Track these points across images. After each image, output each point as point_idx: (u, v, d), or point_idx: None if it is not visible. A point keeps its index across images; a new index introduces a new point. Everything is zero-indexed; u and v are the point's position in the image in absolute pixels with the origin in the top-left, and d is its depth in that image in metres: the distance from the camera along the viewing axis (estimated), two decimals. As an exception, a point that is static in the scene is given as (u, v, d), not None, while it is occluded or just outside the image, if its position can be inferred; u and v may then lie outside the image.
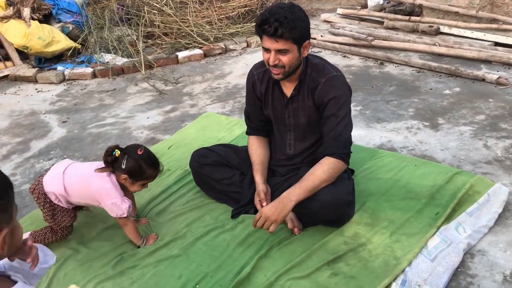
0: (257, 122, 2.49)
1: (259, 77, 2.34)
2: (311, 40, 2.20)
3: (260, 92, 2.36)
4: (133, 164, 2.13)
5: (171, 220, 2.46)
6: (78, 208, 2.38)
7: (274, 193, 2.35)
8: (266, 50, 2.07)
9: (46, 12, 5.38)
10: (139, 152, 2.14)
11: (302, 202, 2.21)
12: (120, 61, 5.29)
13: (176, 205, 2.60)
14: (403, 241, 2.13)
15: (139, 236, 2.29)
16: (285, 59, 2.06)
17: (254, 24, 2.15)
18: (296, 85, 2.22)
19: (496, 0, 5.43)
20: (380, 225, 2.25)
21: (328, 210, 2.16)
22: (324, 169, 2.12)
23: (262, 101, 2.38)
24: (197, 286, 2.00)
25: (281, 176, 2.44)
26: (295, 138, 2.37)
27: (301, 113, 2.27)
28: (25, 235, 2.24)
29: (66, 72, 5.16)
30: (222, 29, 5.93)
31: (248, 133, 2.54)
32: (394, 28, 5.55)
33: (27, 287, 1.09)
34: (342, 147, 2.16)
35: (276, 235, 2.24)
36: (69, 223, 2.28)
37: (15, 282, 1.11)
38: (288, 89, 2.27)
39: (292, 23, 1.97)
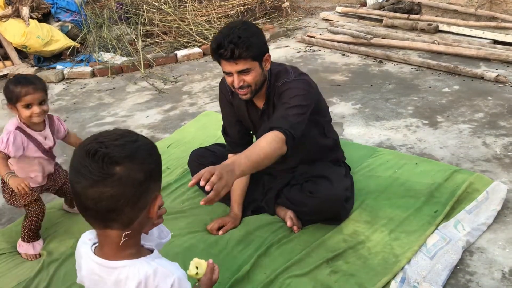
0: (235, 135, 2.41)
1: (230, 90, 2.26)
2: (309, 38, 2.20)
3: (235, 105, 2.32)
4: (4, 89, 2.15)
5: (170, 218, 2.47)
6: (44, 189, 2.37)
7: (268, 193, 2.39)
8: (228, 73, 2.04)
9: (45, 11, 5.38)
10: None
11: (300, 200, 2.22)
12: (119, 60, 5.29)
13: (175, 203, 2.60)
14: (402, 239, 2.14)
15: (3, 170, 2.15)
16: (249, 78, 2.03)
17: (254, 22, 2.13)
18: (266, 99, 2.20)
19: (495, -2, 5.44)
20: (379, 223, 2.25)
21: (327, 207, 2.17)
22: (268, 141, 1.87)
23: (232, 107, 2.33)
24: (197, 284, 2.00)
25: (276, 177, 2.43)
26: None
27: None
28: None
29: (65, 71, 5.16)
30: (221, 27, 5.91)
31: (228, 150, 2.45)
32: (393, 26, 5.56)
33: (157, 256, 1.18)
34: (289, 126, 1.94)
35: (275, 233, 2.25)
36: (27, 202, 2.27)
37: (150, 251, 1.21)
38: (259, 102, 2.24)
39: (247, 41, 1.93)
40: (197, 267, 1.40)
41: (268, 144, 1.86)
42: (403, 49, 4.92)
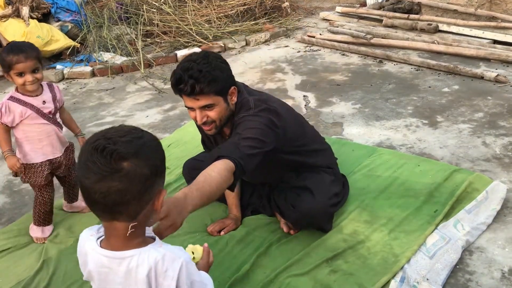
0: (212, 148, 2.29)
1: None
2: (309, 38, 2.17)
3: (203, 132, 2.22)
4: None
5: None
6: (54, 171, 2.38)
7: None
8: (190, 108, 1.91)
9: (45, 11, 5.38)
10: None
11: (284, 212, 2.19)
12: (119, 59, 5.29)
13: (175, 203, 2.60)
14: (402, 239, 2.14)
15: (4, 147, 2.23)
16: (212, 114, 1.90)
17: (253, 22, 2.03)
18: (231, 130, 2.04)
19: (495, -2, 5.44)
20: (379, 223, 2.25)
21: (308, 220, 2.15)
22: (218, 170, 1.67)
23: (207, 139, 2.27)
24: None
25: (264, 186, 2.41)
26: (253, 178, 2.32)
27: None
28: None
29: (65, 71, 5.16)
30: (221, 27, 5.93)
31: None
32: (393, 26, 5.56)
33: (161, 244, 1.22)
34: (239, 156, 1.76)
35: (275, 233, 2.25)
36: (42, 182, 2.31)
37: (153, 239, 1.25)
38: (226, 132, 2.11)
39: (209, 75, 1.81)
40: (193, 252, 1.43)
41: (219, 174, 1.66)
42: (403, 49, 4.92)
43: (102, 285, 1.23)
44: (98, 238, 1.23)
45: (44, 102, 2.24)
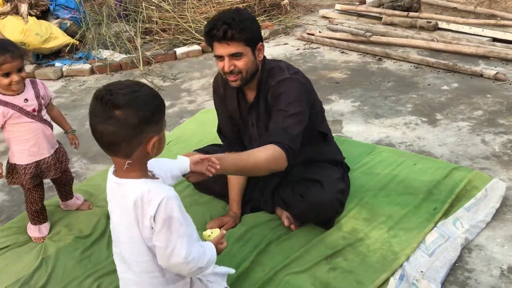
0: (230, 134, 2.40)
1: (223, 83, 2.26)
2: (308, 36, 2.19)
3: (223, 96, 2.30)
4: None
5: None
6: (40, 175, 2.34)
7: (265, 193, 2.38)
8: (219, 57, 2.01)
9: (44, 8, 5.36)
10: None
11: (292, 202, 2.20)
12: (118, 57, 5.28)
13: (174, 201, 2.60)
14: (401, 236, 2.14)
15: None
16: (240, 63, 1.99)
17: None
18: (256, 92, 2.16)
19: (494, -4, 5.43)
20: (378, 220, 2.25)
21: (316, 212, 2.14)
22: (266, 154, 1.85)
23: (223, 103, 2.31)
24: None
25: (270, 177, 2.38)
26: None
27: (264, 120, 2.17)
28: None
29: (64, 68, 5.15)
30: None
31: (226, 151, 2.35)
32: (392, 24, 5.55)
33: (163, 183, 1.49)
34: (288, 140, 1.92)
35: (274, 230, 2.25)
36: (27, 185, 2.29)
37: (153, 176, 1.50)
38: (250, 96, 2.21)
39: (241, 24, 1.92)
40: (212, 233, 1.67)
41: (264, 157, 1.84)
42: (402, 47, 4.92)
43: (110, 205, 1.52)
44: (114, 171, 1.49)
45: (26, 100, 2.19)
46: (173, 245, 1.38)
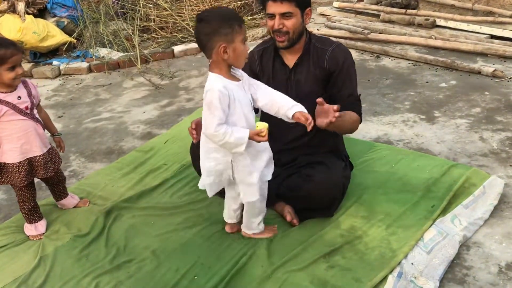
0: None
1: (259, 54, 2.38)
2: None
3: (259, 68, 2.38)
4: None
5: (167, 214, 2.47)
6: (33, 173, 2.33)
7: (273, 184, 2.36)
8: (270, 16, 2.16)
9: (41, 6, 5.35)
10: None
11: (297, 184, 2.24)
12: (115, 55, 5.27)
13: (173, 198, 2.60)
14: (399, 234, 2.14)
15: None
16: (289, 23, 2.14)
17: (250, 17, 2.22)
18: (300, 54, 2.27)
19: (492, -7, 5.43)
20: (377, 218, 2.25)
21: (322, 192, 2.19)
22: (354, 119, 2.23)
23: (259, 76, 2.37)
24: (195, 277, 2.01)
25: (281, 166, 2.40)
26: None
27: (304, 84, 2.27)
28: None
29: (62, 66, 5.13)
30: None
31: None
32: (390, 21, 5.55)
33: (235, 82, 1.92)
34: (360, 106, 2.29)
35: (272, 229, 2.25)
36: (20, 184, 2.28)
37: (234, 77, 1.94)
38: (290, 61, 2.31)
39: None
40: (258, 126, 1.90)
41: (354, 120, 2.24)
42: (400, 44, 4.91)
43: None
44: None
45: (19, 97, 2.19)
46: (208, 121, 1.84)
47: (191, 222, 2.37)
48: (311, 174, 2.22)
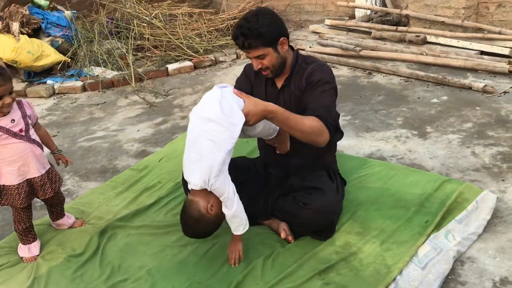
0: None
1: (255, 72, 2.40)
2: (300, 51, 2.24)
3: (253, 79, 2.43)
4: None
5: (162, 233, 2.46)
6: (31, 194, 2.32)
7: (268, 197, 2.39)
8: (249, 58, 2.23)
9: (35, 26, 5.38)
10: None
11: (294, 211, 2.22)
12: (110, 74, 5.29)
13: (167, 217, 2.60)
14: (394, 250, 2.15)
15: None
16: (266, 61, 2.19)
17: None
18: (288, 76, 2.30)
19: (481, 10, 5.52)
20: (371, 234, 2.26)
21: (320, 218, 2.18)
22: (312, 124, 2.06)
23: (252, 86, 2.43)
24: None
25: (272, 183, 2.44)
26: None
27: (290, 104, 2.28)
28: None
29: (56, 86, 5.15)
30: (211, 41, 5.96)
31: None
32: (381, 38, 5.62)
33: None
34: (332, 119, 2.17)
35: (267, 246, 2.25)
36: (21, 205, 2.27)
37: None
38: (279, 82, 2.35)
39: (256, 32, 2.08)
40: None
41: (309, 124, 2.05)
42: (392, 61, 4.97)
43: None
44: None
45: (13, 120, 2.17)
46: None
47: (186, 241, 2.36)
48: (308, 201, 2.20)
